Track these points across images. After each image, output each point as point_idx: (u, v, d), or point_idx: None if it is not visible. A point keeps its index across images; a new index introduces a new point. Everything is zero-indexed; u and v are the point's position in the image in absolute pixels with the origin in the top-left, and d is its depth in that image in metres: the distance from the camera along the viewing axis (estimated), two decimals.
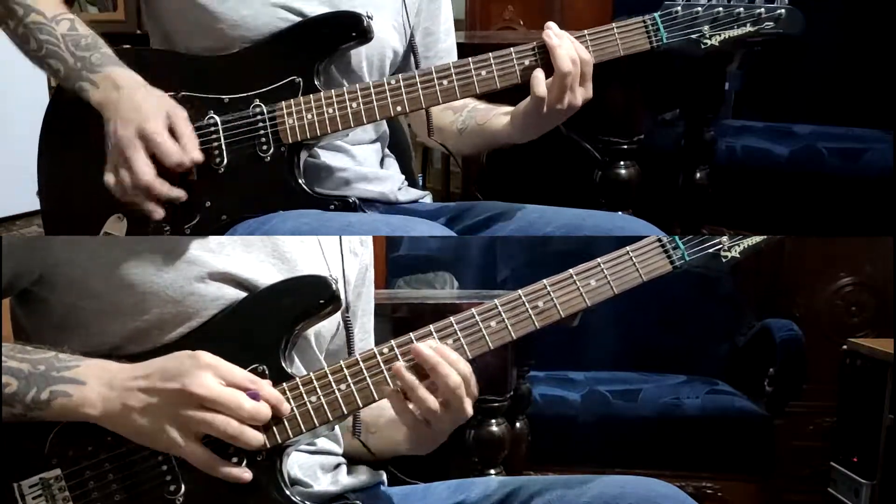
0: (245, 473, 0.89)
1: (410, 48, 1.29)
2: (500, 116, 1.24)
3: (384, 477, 1.12)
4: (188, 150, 1.08)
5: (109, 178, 1.08)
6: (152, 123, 1.06)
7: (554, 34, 1.14)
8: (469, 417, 0.94)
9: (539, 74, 1.14)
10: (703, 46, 1.18)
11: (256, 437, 0.88)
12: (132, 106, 1.07)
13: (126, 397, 0.87)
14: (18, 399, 0.88)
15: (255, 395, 0.89)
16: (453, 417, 0.93)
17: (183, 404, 0.86)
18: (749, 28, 1.18)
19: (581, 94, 1.14)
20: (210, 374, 0.87)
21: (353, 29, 1.16)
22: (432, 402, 0.92)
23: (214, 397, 0.87)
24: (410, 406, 0.93)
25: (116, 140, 1.06)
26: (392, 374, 0.93)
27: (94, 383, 0.88)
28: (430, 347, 0.92)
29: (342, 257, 1.07)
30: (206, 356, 0.89)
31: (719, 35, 1.18)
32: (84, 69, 1.09)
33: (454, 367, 0.92)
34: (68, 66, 1.10)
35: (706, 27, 1.18)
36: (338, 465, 1.08)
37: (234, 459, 0.90)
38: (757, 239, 1.03)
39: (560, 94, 1.13)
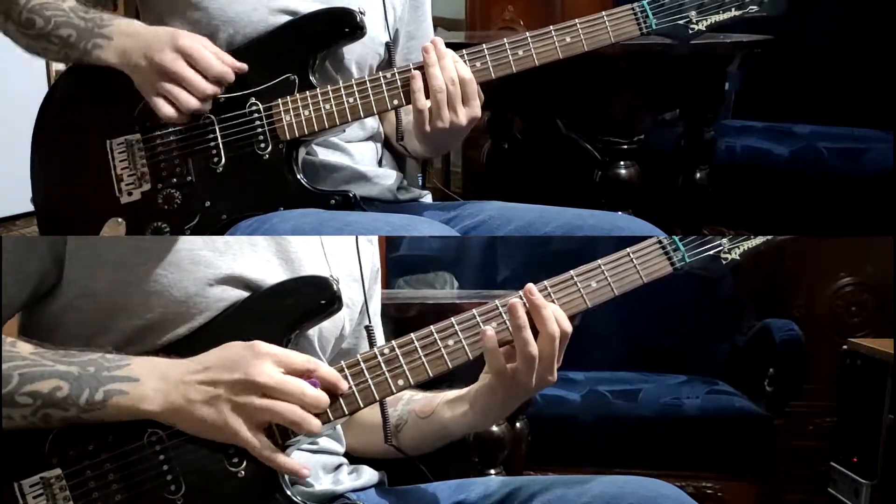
0: (304, 470, 0.90)
1: (388, 51, 1.29)
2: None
3: (384, 477, 1.12)
4: (228, 62, 1.11)
5: (165, 109, 1.09)
6: (185, 39, 1.09)
7: (435, 53, 1.14)
8: (552, 384, 0.96)
9: (417, 86, 1.14)
10: (690, 31, 1.21)
11: (317, 424, 0.89)
12: (155, 36, 1.10)
13: (187, 391, 0.87)
14: (72, 402, 0.87)
15: (314, 383, 0.90)
16: (539, 375, 0.94)
17: (247, 393, 0.87)
18: (734, 12, 1.21)
19: (465, 114, 1.14)
20: (270, 363, 0.88)
21: (347, 24, 1.16)
22: (533, 346, 0.93)
23: (278, 385, 0.87)
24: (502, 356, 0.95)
25: (157, 66, 1.08)
26: (506, 310, 0.95)
27: (148, 379, 0.88)
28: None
29: (359, 260, 1.08)
30: (262, 345, 0.89)
31: (706, 20, 1.21)
32: (95, 27, 1.12)
33: (557, 319, 0.94)
34: (80, 29, 1.12)
35: (693, 12, 1.20)
36: (339, 465, 1.08)
37: (235, 460, 0.90)
38: (757, 241, 1.03)
39: (438, 112, 1.13)
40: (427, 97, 1.14)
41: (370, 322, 1.09)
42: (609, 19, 1.19)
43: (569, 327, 0.96)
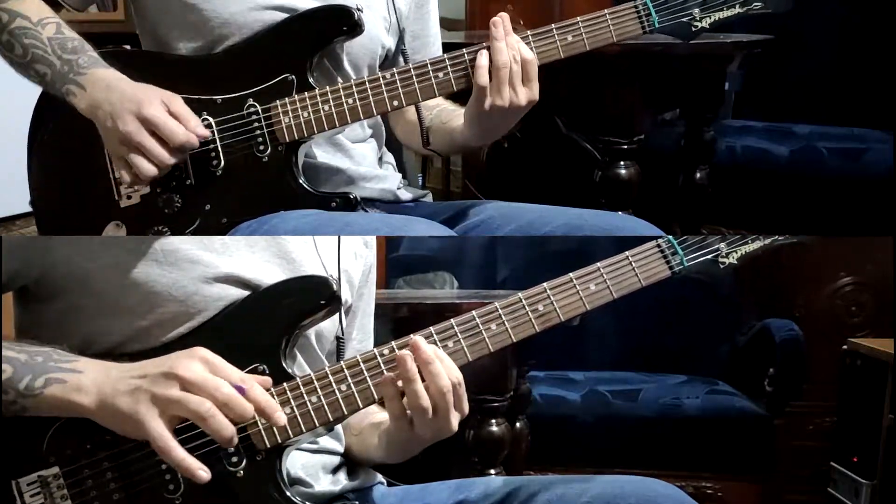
0: (201, 471, 0.85)
1: (400, 52, 1.29)
2: (459, 116, 1.23)
3: (384, 477, 1.12)
4: (192, 128, 1.07)
5: (125, 175, 1.07)
6: (151, 108, 1.05)
7: (502, 28, 1.14)
8: (452, 434, 0.93)
9: (482, 62, 1.13)
10: (693, 29, 1.19)
11: (227, 427, 0.85)
12: (125, 98, 1.06)
13: (117, 383, 0.87)
14: (12, 385, 0.87)
15: (240, 390, 0.87)
16: (437, 426, 0.92)
17: (164, 384, 0.85)
18: (738, 9, 1.18)
19: (525, 94, 1.13)
20: (199, 363, 0.87)
21: (344, 22, 1.15)
22: (425, 398, 0.91)
23: (196, 380, 0.85)
24: (403, 401, 0.92)
25: (121, 135, 1.05)
26: (398, 361, 0.92)
27: (91, 373, 0.88)
28: (429, 347, 0.92)
29: (339, 259, 1.07)
30: (202, 350, 0.88)
31: (709, 17, 1.19)
32: (71, 72, 1.08)
33: (447, 371, 0.92)
34: (55, 70, 1.09)
35: (696, 10, 1.18)
36: (339, 466, 1.08)
37: (234, 459, 0.90)
38: (755, 245, 1.04)
39: (499, 88, 1.12)
40: (490, 76, 1.13)
41: (343, 333, 1.08)
42: (611, 17, 1.17)
43: (459, 376, 0.93)
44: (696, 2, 1.18)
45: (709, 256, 1.03)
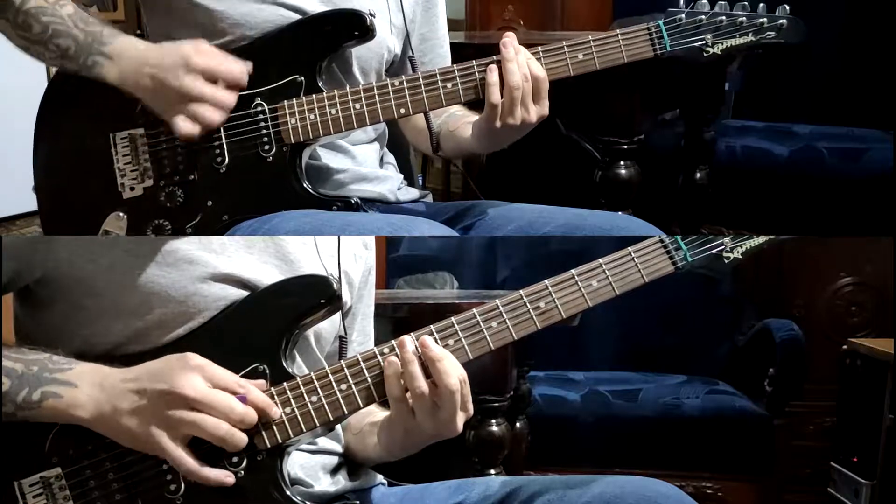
0: (228, 478, 0.89)
1: (407, 58, 1.29)
2: (467, 125, 1.24)
3: (384, 477, 1.12)
4: (238, 63, 1.10)
5: (187, 128, 1.07)
6: (197, 58, 1.07)
7: (512, 48, 1.13)
8: (456, 434, 0.93)
9: (493, 79, 1.13)
10: (705, 55, 1.19)
11: (243, 440, 0.89)
12: (163, 57, 1.07)
13: (115, 399, 0.88)
14: (10, 398, 0.88)
15: (242, 399, 0.89)
16: (440, 423, 0.92)
17: (171, 405, 0.86)
18: (751, 37, 1.19)
19: (535, 111, 1.14)
20: (198, 376, 0.87)
21: (356, 27, 1.15)
22: (422, 381, 0.90)
23: (203, 399, 0.87)
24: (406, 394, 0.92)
25: (175, 92, 1.06)
26: (397, 344, 0.92)
27: (86, 386, 0.88)
28: (437, 346, 0.92)
29: (339, 260, 1.07)
30: (195, 358, 0.88)
31: (722, 43, 1.18)
32: (96, 42, 1.09)
33: (455, 369, 0.92)
34: (79, 43, 1.09)
35: (709, 35, 1.18)
36: (339, 466, 1.08)
37: (235, 459, 0.90)
38: (760, 240, 1.03)
39: (511, 109, 1.13)
40: (502, 93, 1.13)
41: (345, 333, 1.08)
42: (623, 38, 1.17)
43: (464, 374, 0.92)
44: (710, 27, 1.18)
45: (713, 251, 1.02)
